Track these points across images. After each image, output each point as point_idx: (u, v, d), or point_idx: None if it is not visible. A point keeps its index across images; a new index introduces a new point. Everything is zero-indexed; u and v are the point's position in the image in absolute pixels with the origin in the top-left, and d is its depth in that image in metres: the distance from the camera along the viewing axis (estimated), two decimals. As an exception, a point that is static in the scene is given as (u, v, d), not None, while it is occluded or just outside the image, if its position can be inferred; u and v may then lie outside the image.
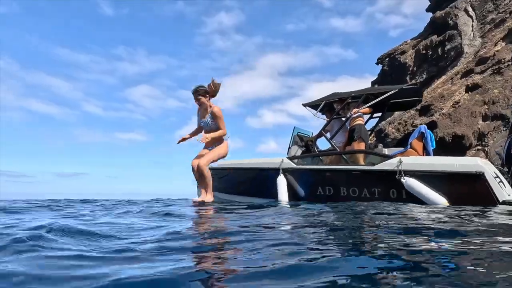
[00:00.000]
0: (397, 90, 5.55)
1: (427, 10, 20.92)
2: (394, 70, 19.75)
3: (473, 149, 13.57)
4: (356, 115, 5.74)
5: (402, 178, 4.68)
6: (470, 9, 17.88)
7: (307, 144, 6.12)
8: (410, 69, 19.06)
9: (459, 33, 17.52)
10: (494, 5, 17.37)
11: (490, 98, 14.07)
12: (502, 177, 4.61)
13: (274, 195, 5.60)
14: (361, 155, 5.41)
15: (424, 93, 15.65)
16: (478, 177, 4.31)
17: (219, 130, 5.13)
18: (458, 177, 4.46)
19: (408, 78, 18.42)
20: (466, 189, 4.40)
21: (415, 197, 4.61)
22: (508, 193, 4.44)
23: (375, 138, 15.90)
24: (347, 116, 5.79)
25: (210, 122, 5.14)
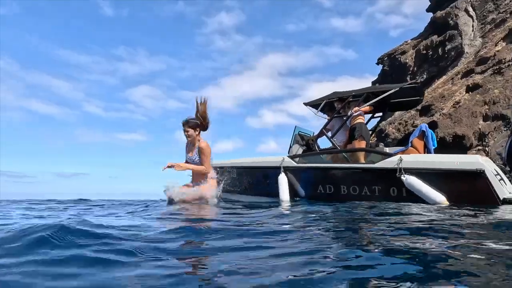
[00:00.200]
0: (398, 90, 5.54)
1: (428, 10, 20.94)
2: (395, 70, 19.76)
3: (474, 149, 13.56)
4: (357, 114, 5.74)
5: (403, 176, 4.68)
6: (471, 9, 17.89)
7: (308, 143, 6.11)
8: (411, 69, 19.07)
9: (460, 33, 17.53)
10: (495, 5, 17.38)
11: (491, 98, 14.07)
12: (503, 175, 4.61)
13: (275, 194, 5.60)
14: (362, 154, 5.41)
15: (425, 93, 15.62)
16: (479, 175, 4.31)
17: (201, 166, 4.67)
18: (459, 175, 4.46)
19: (409, 78, 18.40)
20: (467, 187, 4.41)
21: (416, 196, 4.62)
22: (509, 191, 4.44)
23: (376, 138, 15.89)
24: (348, 115, 5.79)
25: (197, 159, 4.71)
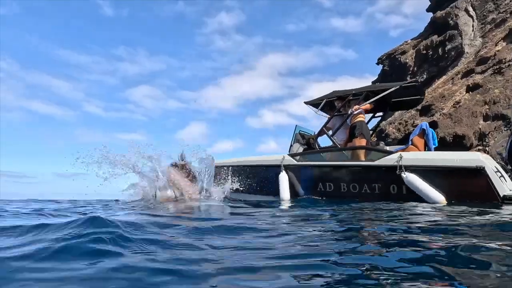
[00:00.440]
0: (399, 89, 5.55)
1: (428, 10, 20.95)
2: (395, 70, 19.77)
3: (474, 149, 13.54)
4: (357, 112, 5.74)
5: (403, 173, 4.68)
6: (471, 9, 17.90)
7: (309, 142, 6.12)
8: (411, 69, 19.07)
9: (460, 33, 17.54)
10: (495, 5, 17.39)
11: (491, 98, 14.07)
12: (504, 172, 4.61)
13: (276, 193, 5.60)
14: (362, 152, 5.42)
15: (425, 93, 15.61)
16: (479, 172, 4.32)
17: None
18: (459, 172, 4.47)
19: (409, 78, 18.38)
20: (467, 184, 4.41)
21: (416, 194, 4.62)
22: (509, 188, 4.44)
23: (376, 138, 15.90)
24: (348, 113, 5.79)
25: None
